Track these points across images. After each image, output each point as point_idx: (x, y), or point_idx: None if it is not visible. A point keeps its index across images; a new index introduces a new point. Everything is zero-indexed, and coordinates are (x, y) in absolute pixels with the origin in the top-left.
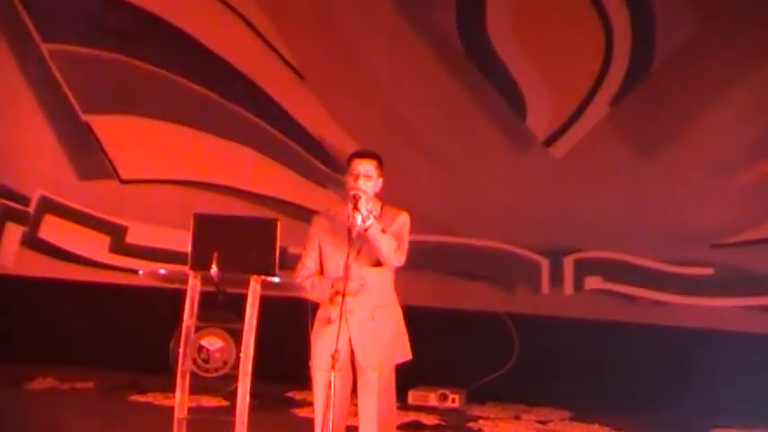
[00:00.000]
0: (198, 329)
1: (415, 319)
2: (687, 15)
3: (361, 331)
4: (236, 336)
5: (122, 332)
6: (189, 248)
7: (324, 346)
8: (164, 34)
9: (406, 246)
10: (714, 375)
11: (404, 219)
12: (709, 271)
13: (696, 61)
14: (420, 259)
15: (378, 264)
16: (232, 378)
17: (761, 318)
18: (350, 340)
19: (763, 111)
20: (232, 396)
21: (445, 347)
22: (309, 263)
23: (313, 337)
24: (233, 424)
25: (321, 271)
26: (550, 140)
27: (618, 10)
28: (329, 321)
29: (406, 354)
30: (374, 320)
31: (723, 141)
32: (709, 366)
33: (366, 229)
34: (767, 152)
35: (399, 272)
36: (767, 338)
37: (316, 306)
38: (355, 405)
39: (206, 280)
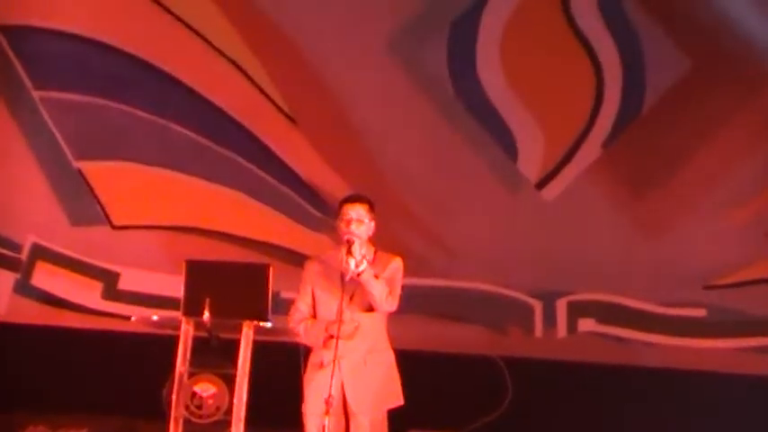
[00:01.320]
0: (191, 375)
1: (408, 362)
2: (677, 56)
3: (354, 376)
4: (230, 381)
5: (115, 378)
6: (181, 294)
7: (316, 390)
8: (156, 80)
9: (398, 291)
10: (709, 418)
11: (397, 264)
12: (701, 312)
13: (686, 102)
14: (413, 302)
15: (370, 309)
16: (225, 424)
17: (755, 359)
18: (342, 385)
19: (753, 150)
20: None
21: (438, 391)
22: (303, 307)
23: (305, 382)
24: None
25: (314, 315)
26: (542, 183)
27: (608, 52)
28: (321, 366)
29: (397, 399)
30: (366, 366)
31: (715, 182)
32: (703, 409)
33: (359, 274)
34: (758, 191)
35: (392, 315)
36: (762, 380)
37: (308, 350)
38: None
39: (199, 326)
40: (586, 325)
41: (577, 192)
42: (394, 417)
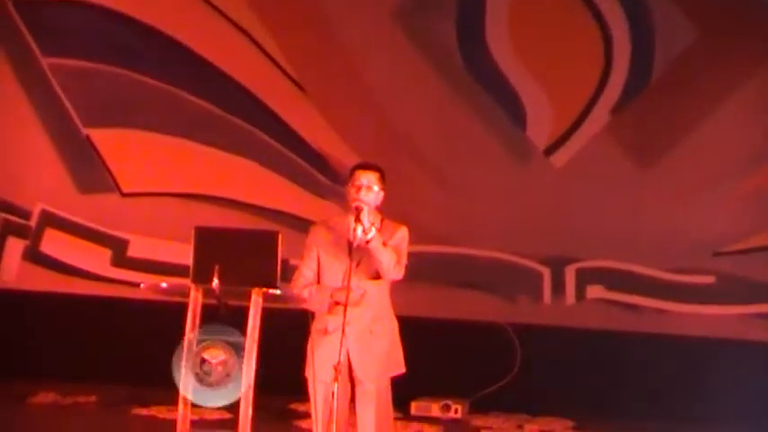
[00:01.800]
0: (200, 342)
1: (418, 330)
2: (686, 25)
3: (359, 344)
4: (239, 348)
5: (124, 346)
6: (190, 261)
7: (323, 357)
8: (164, 48)
9: (404, 260)
10: (717, 384)
11: (403, 233)
12: (710, 279)
13: (695, 70)
14: (422, 270)
15: (376, 277)
16: (234, 391)
17: (763, 326)
18: (348, 353)
19: (763, 118)
20: (235, 409)
21: (448, 358)
22: (307, 272)
23: (310, 348)
24: None
25: (318, 281)
26: (550, 150)
27: (617, 20)
28: (326, 332)
29: (400, 367)
30: (372, 333)
31: (723, 149)
32: (711, 375)
33: (368, 242)
34: (766, 161)
35: (401, 283)
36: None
37: (312, 316)
38: (354, 416)
39: (208, 293)
40: (595, 292)
41: (586, 158)
42: (402, 384)
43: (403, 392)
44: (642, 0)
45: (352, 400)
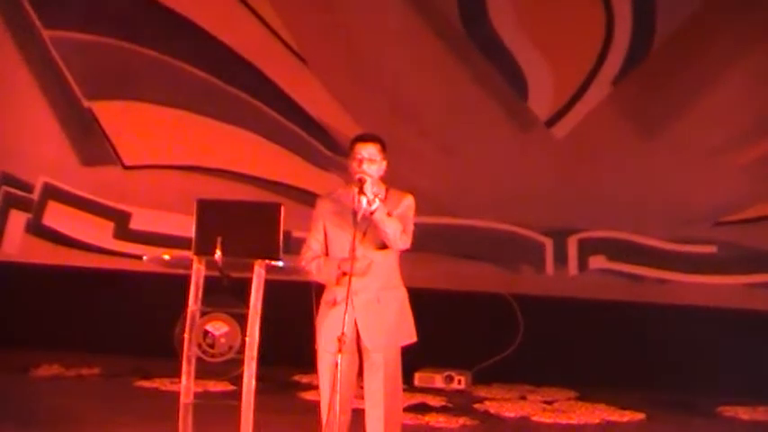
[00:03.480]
0: (203, 315)
1: (421, 300)
2: None
3: (367, 314)
4: (241, 320)
5: (127, 318)
6: (193, 234)
7: (330, 328)
8: (166, 20)
9: (411, 228)
10: (718, 353)
11: (409, 201)
12: (712, 249)
13: (697, 40)
14: (425, 241)
15: (383, 247)
16: (238, 362)
17: (764, 295)
18: (355, 323)
19: (762, 91)
20: (238, 380)
21: (451, 329)
22: (314, 245)
23: (318, 320)
24: (239, 408)
25: (326, 253)
26: (552, 121)
27: None
28: (335, 303)
29: (411, 336)
30: (379, 303)
31: (725, 120)
32: (713, 344)
33: (372, 213)
34: (767, 131)
35: (405, 254)
36: None
37: (320, 289)
38: (362, 388)
39: (210, 265)
40: (597, 262)
41: (587, 129)
42: (407, 354)
43: (407, 364)
44: None
45: (361, 371)
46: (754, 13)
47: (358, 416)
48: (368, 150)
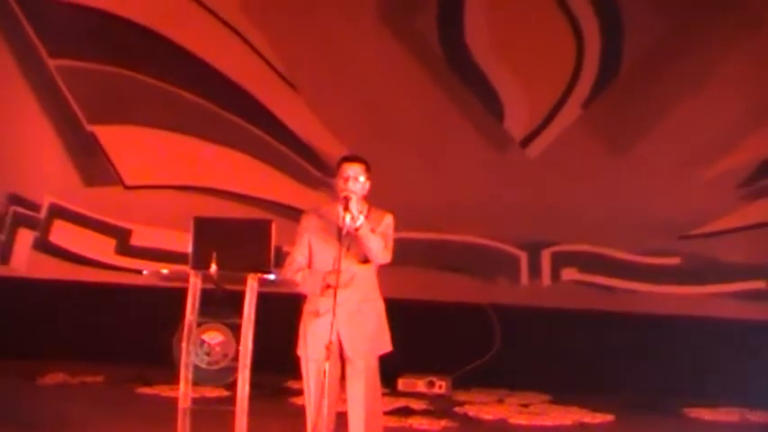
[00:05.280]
0: (199, 325)
1: (404, 311)
2: (652, 20)
3: (349, 324)
4: (236, 330)
5: (128, 328)
6: (189, 249)
7: (315, 337)
8: (163, 49)
9: (391, 244)
10: (683, 358)
11: (389, 220)
12: (676, 261)
13: (661, 63)
14: (407, 255)
15: (365, 261)
16: (232, 370)
17: (726, 304)
18: (338, 333)
19: (726, 109)
20: (232, 387)
21: (432, 337)
22: (299, 257)
23: (302, 329)
24: (234, 413)
25: (310, 265)
26: (526, 141)
27: (587, 17)
28: (317, 314)
29: (387, 345)
30: (360, 314)
31: (689, 138)
32: (678, 350)
33: (357, 229)
34: (729, 148)
35: (388, 267)
36: (732, 323)
37: (304, 299)
38: (344, 392)
39: (206, 278)
40: (569, 274)
41: (560, 149)
42: (390, 361)
43: (390, 369)
44: (611, 0)
45: (343, 377)
46: (716, 37)
47: (341, 418)
48: (354, 170)
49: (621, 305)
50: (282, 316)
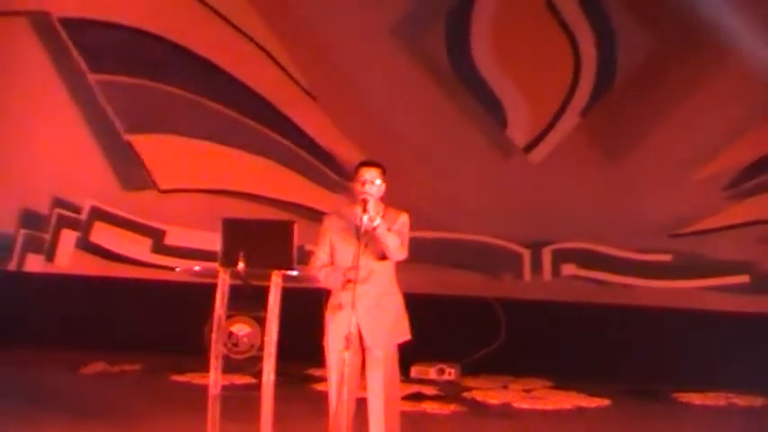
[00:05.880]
0: (228, 318)
1: (417, 304)
2: (643, 38)
3: (368, 316)
4: (261, 322)
5: (163, 321)
6: (219, 248)
7: (337, 329)
8: (193, 64)
9: (407, 242)
10: (674, 347)
11: (404, 219)
12: (667, 257)
13: (653, 75)
14: (419, 253)
15: (382, 258)
16: (258, 359)
17: (713, 297)
18: (358, 324)
19: (710, 119)
20: (259, 374)
21: (442, 328)
22: (322, 255)
23: (327, 321)
24: (260, 399)
25: (332, 263)
26: (529, 148)
27: (584, 33)
28: (340, 307)
29: (406, 335)
30: (379, 307)
31: (678, 145)
32: (669, 340)
33: (374, 228)
34: (715, 153)
35: (402, 264)
36: (719, 314)
37: (328, 294)
38: (365, 380)
39: (234, 275)
40: (568, 270)
41: (560, 155)
42: (404, 350)
43: (403, 358)
44: (606, 16)
45: (364, 366)
46: (703, 52)
47: (362, 404)
48: (370, 174)
49: (617, 298)
50: (305, 309)
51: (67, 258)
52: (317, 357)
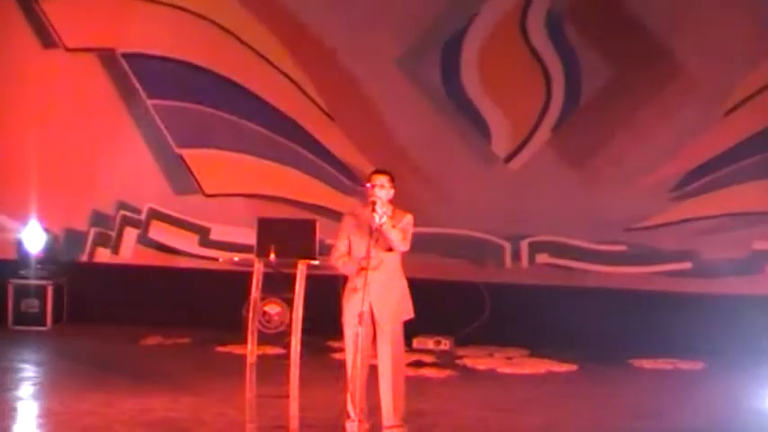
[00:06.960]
0: (262, 299)
1: (417, 287)
2: (602, 67)
3: (378, 297)
4: (290, 303)
5: (208, 302)
6: (255, 242)
7: (352, 308)
8: (233, 91)
9: (410, 237)
10: (629, 321)
11: (409, 219)
12: (623, 248)
13: (611, 98)
14: (419, 245)
15: (390, 249)
16: (287, 333)
17: (661, 280)
18: (370, 304)
19: (661, 131)
20: (287, 346)
21: (438, 307)
22: (342, 247)
23: (344, 301)
24: (288, 366)
25: (349, 253)
26: (509, 158)
27: (554, 63)
28: (355, 290)
29: (410, 313)
30: (387, 289)
31: (631, 155)
32: (625, 315)
33: (381, 225)
34: (663, 161)
35: (407, 255)
36: (667, 294)
37: (345, 279)
38: (375, 350)
39: (267, 264)
40: (542, 258)
41: (534, 163)
42: (408, 326)
43: (406, 332)
44: (571, 48)
45: (375, 339)
46: (652, 76)
47: (373, 370)
48: (380, 179)
49: (582, 281)
50: (326, 292)
51: (130, 251)
52: (336, 331)
